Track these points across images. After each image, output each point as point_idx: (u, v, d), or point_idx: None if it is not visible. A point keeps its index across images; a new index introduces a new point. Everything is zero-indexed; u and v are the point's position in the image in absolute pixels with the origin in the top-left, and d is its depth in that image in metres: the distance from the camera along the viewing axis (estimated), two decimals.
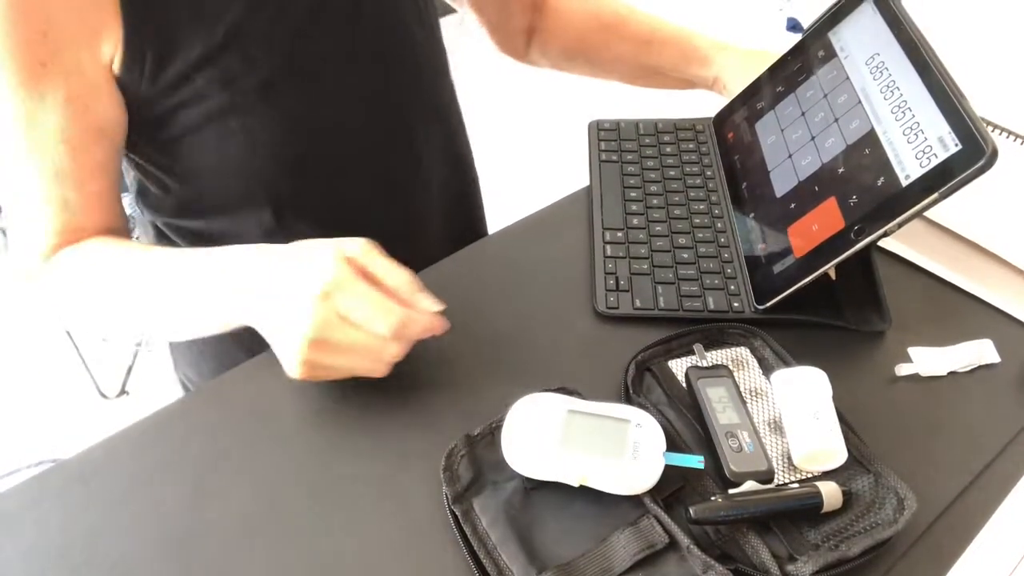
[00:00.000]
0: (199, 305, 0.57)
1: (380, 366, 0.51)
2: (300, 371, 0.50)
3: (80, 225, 0.61)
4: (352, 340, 0.49)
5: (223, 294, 0.55)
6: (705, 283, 0.63)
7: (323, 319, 0.48)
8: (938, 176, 0.51)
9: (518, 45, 0.90)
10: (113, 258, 0.61)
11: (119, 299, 0.60)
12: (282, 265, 0.52)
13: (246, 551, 0.48)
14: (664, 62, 0.85)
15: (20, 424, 1.74)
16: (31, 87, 0.55)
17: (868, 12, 0.65)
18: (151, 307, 0.60)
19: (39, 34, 0.53)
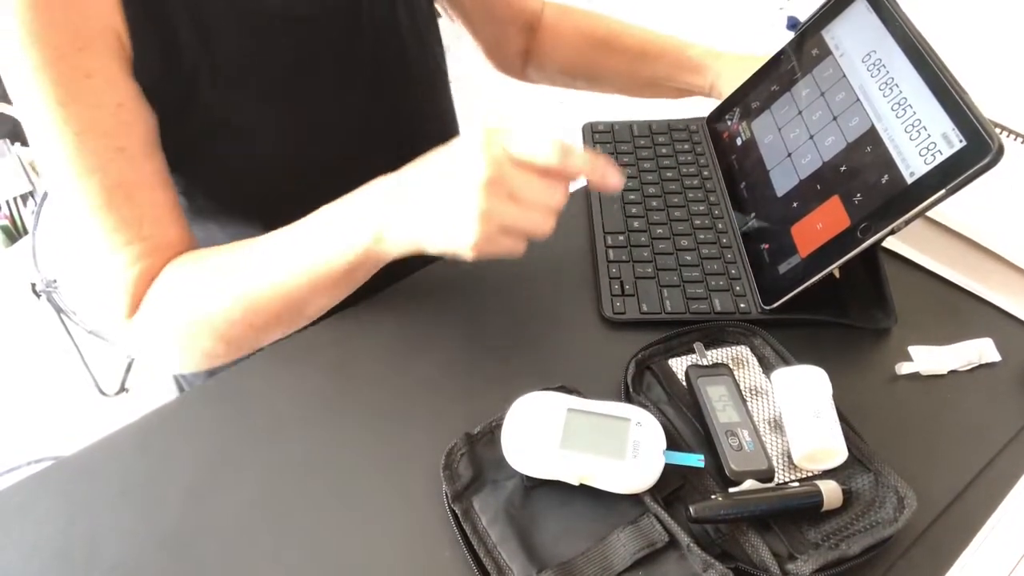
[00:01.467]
0: (348, 240, 0.52)
1: (551, 218, 0.49)
2: (479, 230, 0.46)
3: (158, 243, 0.58)
4: (525, 193, 0.47)
5: (373, 211, 0.52)
6: (711, 284, 0.63)
7: (494, 186, 0.46)
8: (944, 172, 0.51)
9: (515, 65, 0.93)
10: (229, 254, 0.58)
11: (261, 282, 0.56)
12: (428, 172, 0.50)
13: (246, 549, 0.48)
14: (659, 73, 0.86)
15: (20, 421, 1.74)
16: (81, 99, 0.54)
17: (861, 10, 0.65)
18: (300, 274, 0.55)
19: (76, 48, 0.53)
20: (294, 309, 0.57)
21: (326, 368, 0.58)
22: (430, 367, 0.58)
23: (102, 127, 0.55)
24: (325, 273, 0.54)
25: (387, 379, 0.57)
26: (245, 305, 0.56)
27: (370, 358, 0.59)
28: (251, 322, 0.57)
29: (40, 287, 1.65)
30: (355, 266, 0.53)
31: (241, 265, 0.57)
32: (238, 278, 0.57)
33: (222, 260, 0.58)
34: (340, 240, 0.53)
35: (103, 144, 0.55)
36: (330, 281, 0.54)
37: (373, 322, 0.62)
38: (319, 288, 0.55)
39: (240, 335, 0.58)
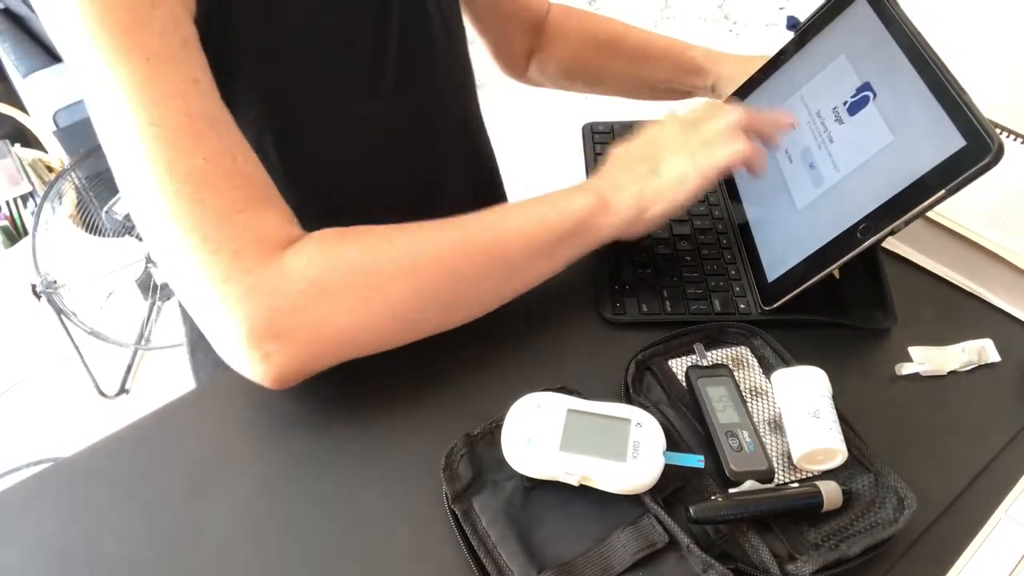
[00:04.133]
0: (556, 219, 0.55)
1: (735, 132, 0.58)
2: (685, 154, 0.58)
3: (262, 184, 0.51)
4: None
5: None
6: (710, 285, 0.63)
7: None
8: (944, 173, 0.51)
9: (519, 66, 0.93)
10: (436, 224, 0.53)
11: (476, 230, 0.53)
12: (631, 150, 0.61)
13: (246, 550, 0.48)
14: (661, 76, 0.87)
15: (20, 422, 1.74)
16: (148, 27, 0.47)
17: (861, 10, 0.65)
18: (516, 229, 0.54)
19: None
20: (504, 268, 0.54)
21: (326, 368, 0.58)
22: (430, 367, 0.58)
23: (174, 54, 0.48)
24: (546, 231, 0.55)
25: (387, 379, 0.57)
26: (456, 250, 0.52)
27: (370, 358, 0.59)
28: (459, 271, 0.52)
29: (40, 288, 1.65)
30: (573, 231, 0.56)
31: (452, 220, 0.53)
32: (450, 226, 0.53)
33: (423, 222, 0.53)
34: (562, 202, 0.56)
35: (179, 71, 0.48)
36: (545, 244, 0.55)
37: None
38: (531, 250, 0.55)
39: (442, 290, 0.52)
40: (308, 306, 0.48)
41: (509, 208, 0.56)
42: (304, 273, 0.48)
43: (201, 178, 0.47)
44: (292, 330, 0.47)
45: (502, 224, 0.55)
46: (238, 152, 0.50)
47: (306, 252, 0.49)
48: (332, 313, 0.48)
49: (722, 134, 0.58)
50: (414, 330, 0.53)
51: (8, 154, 2.01)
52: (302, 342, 0.48)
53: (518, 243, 0.54)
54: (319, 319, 0.48)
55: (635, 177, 0.58)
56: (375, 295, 0.49)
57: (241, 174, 0.49)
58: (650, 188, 0.57)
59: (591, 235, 0.57)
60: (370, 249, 0.50)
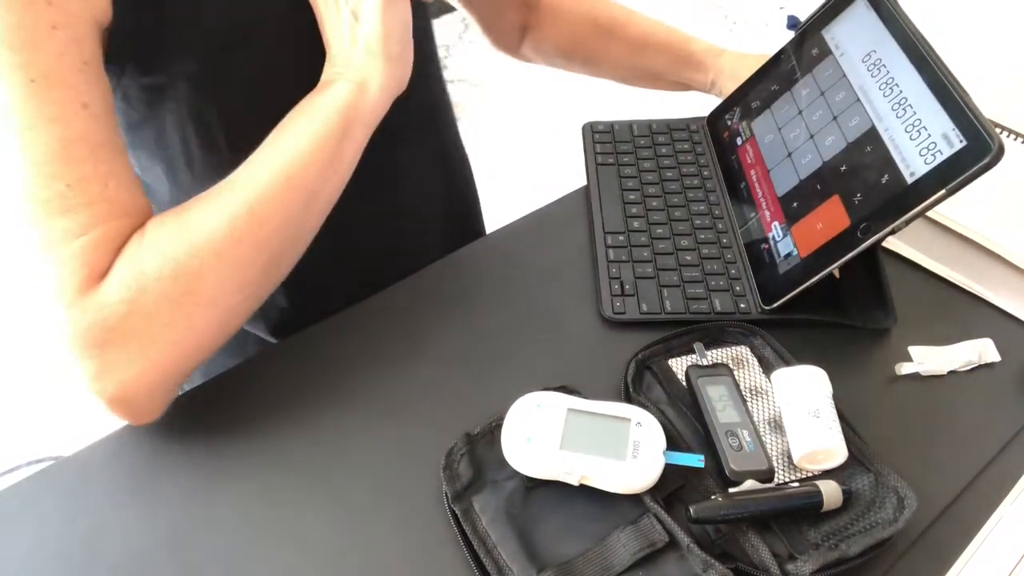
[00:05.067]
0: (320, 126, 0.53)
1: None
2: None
3: (126, 207, 0.50)
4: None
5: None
6: (710, 284, 0.63)
7: None
8: (944, 172, 0.51)
9: (512, 41, 0.90)
10: (214, 189, 0.52)
11: (257, 183, 0.52)
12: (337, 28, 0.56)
13: (246, 550, 0.48)
14: (660, 66, 0.85)
15: (20, 421, 1.74)
16: (43, 48, 0.47)
17: (861, 9, 0.65)
18: (294, 159, 0.52)
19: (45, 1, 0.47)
20: (301, 203, 0.53)
21: (326, 368, 0.58)
22: (430, 367, 0.58)
23: (65, 78, 0.47)
24: (319, 143, 0.53)
25: (387, 379, 0.57)
26: (248, 217, 0.50)
27: (370, 358, 0.59)
28: (259, 237, 0.51)
29: None
30: (345, 128, 0.54)
31: (231, 181, 0.52)
32: (231, 192, 0.51)
33: (207, 195, 0.52)
34: (319, 107, 0.54)
35: (66, 95, 0.47)
36: (325, 156, 0.53)
37: (373, 322, 0.62)
38: (317, 170, 0.53)
39: (252, 261, 0.51)
40: (132, 333, 0.48)
41: (273, 142, 0.53)
42: (119, 299, 0.48)
43: (57, 205, 0.47)
44: (124, 362, 0.48)
45: (276, 162, 0.52)
46: (111, 176, 0.50)
47: (117, 275, 0.48)
48: (157, 332, 0.48)
49: None
50: (246, 305, 0.53)
51: None
52: (139, 371, 0.48)
53: (300, 173, 0.52)
54: (146, 342, 0.48)
55: (352, 36, 0.55)
56: (189, 300, 0.49)
57: (104, 198, 0.49)
58: (371, 35, 0.54)
59: (364, 119, 0.55)
60: (169, 252, 0.49)
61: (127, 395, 0.49)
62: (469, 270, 0.67)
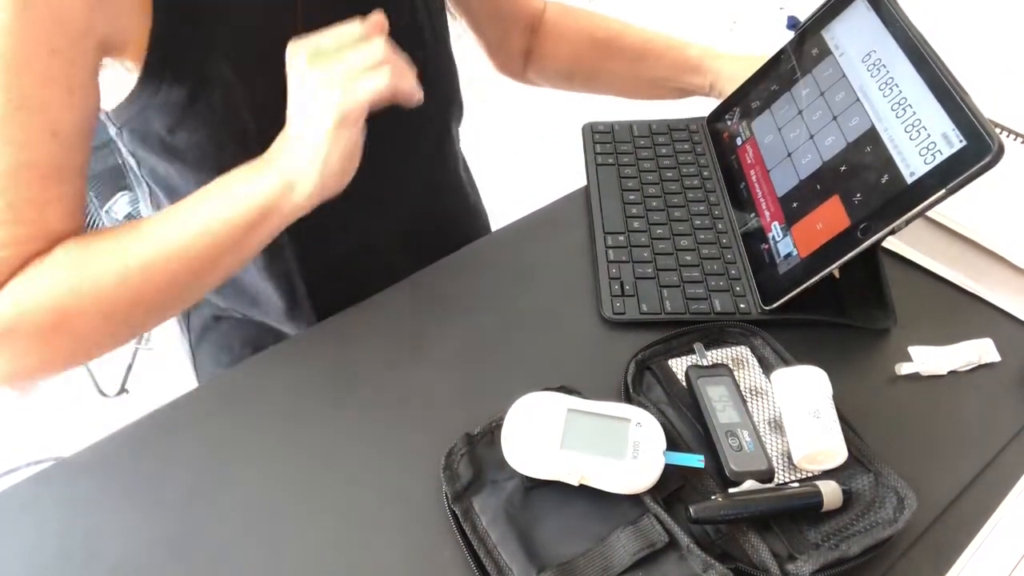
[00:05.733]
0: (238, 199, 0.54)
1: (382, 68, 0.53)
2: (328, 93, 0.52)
3: (52, 229, 0.54)
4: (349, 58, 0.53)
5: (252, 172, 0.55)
6: (710, 285, 0.63)
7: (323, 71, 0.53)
8: (944, 172, 0.51)
9: (516, 66, 0.92)
10: (124, 226, 0.54)
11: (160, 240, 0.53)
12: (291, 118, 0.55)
13: (246, 550, 0.48)
14: (659, 74, 0.86)
15: (20, 422, 1.74)
16: (34, 72, 0.49)
17: (861, 9, 0.65)
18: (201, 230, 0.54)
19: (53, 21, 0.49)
20: (191, 273, 0.54)
21: (326, 368, 0.58)
22: (430, 367, 0.58)
23: (45, 105, 0.50)
24: (230, 230, 0.53)
25: (387, 379, 0.57)
26: (140, 275, 0.53)
27: (370, 358, 0.59)
28: (143, 296, 0.54)
29: None
30: (259, 219, 0.54)
31: (138, 233, 0.54)
32: (134, 244, 0.53)
33: (116, 231, 0.54)
34: (243, 192, 0.53)
35: (38, 122, 0.50)
36: (232, 239, 0.54)
37: (373, 323, 0.62)
38: (222, 248, 0.54)
39: (127, 316, 0.54)
40: (10, 343, 0.52)
41: (189, 211, 0.54)
42: (3, 313, 0.51)
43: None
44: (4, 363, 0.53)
45: (185, 232, 0.53)
46: (54, 203, 0.52)
47: (11, 293, 0.51)
48: (24, 356, 0.53)
49: (364, 65, 0.53)
50: (114, 341, 0.56)
51: None
52: (14, 373, 0.53)
53: (204, 250, 0.53)
54: (14, 359, 0.53)
55: (303, 135, 0.54)
56: (60, 337, 0.52)
57: (37, 220, 0.52)
58: (317, 145, 0.53)
59: (280, 216, 0.55)
60: (57, 285, 0.52)
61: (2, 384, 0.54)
62: (469, 270, 0.67)
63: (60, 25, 0.49)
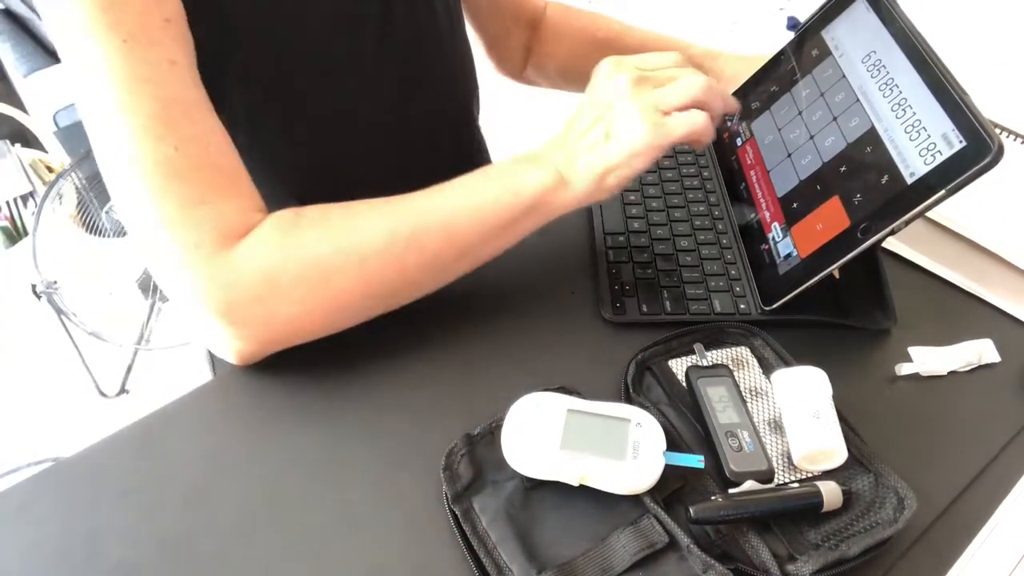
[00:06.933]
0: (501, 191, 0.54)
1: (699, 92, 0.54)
2: (643, 119, 0.53)
3: (238, 174, 0.52)
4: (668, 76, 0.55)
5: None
6: (710, 285, 0.63)
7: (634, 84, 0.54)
8: (944, 173, 0.51)
9: (515, 63, 0.93)
10: (382, 200, 0.53)
11: (427, 214, 0.53)
12: (582, 111, 0.56)
13: (246, 550, 0.48)
14: None
15: (20, 422, 1.74)
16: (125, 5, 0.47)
17: (861, 10, 0.65)
18: (469, 211, 0.54)
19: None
20: (454, 251, 0.54)
21: (326, 368, 0.58)
22: (431, 367, 0.58)
23: (151, 35, 0.48)
24: (501, 211, 0.54)
25: (387, 379, 0.57)
26: (407, 241, 0.52)
27: (370, 358, 0.59)
28: (407, 262, 0.53)
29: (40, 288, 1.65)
30: (527, 210, 0.55)
31: (408, 202, 0.54)
32: (403, 212, 0.53)
33: (375, 203, 0.53)
34: (517, 179, 0.54)
35: (154, 53, 0.48)
36: (498, 224, 0.54)
37: (373, 322, 0.62)
38: (485, 232, 0.54)
39: (389, 280, 0.53)
40: (260, 298, 0.51)
41: (462, 186, 0.55)
42: (257, 266, 0.50)
43: (169, 168, 0.48)
44: (247, 320, 0.51)
45: (454, 207, 0.54)
46: (211, 139, 0.51)
47: (260, 243, 0.51)
48: (282, 304, 0.52)
49: (680, 100, 0.54)
50: (361, 315, 0.56)
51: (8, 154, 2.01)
52: (256, 329, 0.52)
53: (471, 227, 0.54)
54: (270, 310, 0.51)
55: (590, 144, 0.55)
56: (322, 287, 0.52)
57: (210, 163, 0.50)
58: (606, 157, 0.54)
59: (548, 211, 0.56)
60: (321, 240, 0.52)
61: (243, 353, 0.54)
62: None
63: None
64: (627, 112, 0.53)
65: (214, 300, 0.50)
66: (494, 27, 0.88)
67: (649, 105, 0.54)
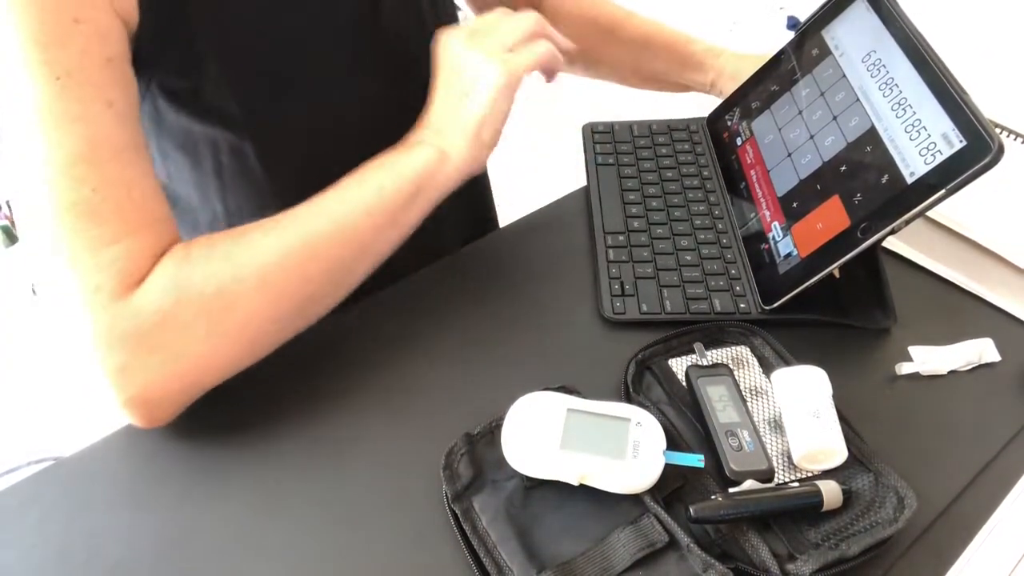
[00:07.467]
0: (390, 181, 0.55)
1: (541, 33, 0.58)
2: (499, 66, 0.55)
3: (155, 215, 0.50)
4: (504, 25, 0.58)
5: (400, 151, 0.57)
6: (710, 285, 0.63)
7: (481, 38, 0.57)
8: (944, 173, 0.51)
9: None
10: (271, 218, 0.52)
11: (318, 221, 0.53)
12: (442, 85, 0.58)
13: (245, 549, 0.48)
14: (660, 67, 0.86)
15: (20, 421, 1.74)
16: (66, 43, 0.45)
17: (861, 10, 0.65)
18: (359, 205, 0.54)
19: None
20: (351, 250, 0.54)
21: (325, 368, 0.58)
22: (430, 367, 0.58)
23: (89, 75, 0.46)
24: (387, 200, 0.54)
25: (387, 379, 0.57)
26: (302, 251, 0.51)
27: (369, 358, 0.59)
28: (307, 273, 0.52)
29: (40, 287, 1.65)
30: (415, 192, 0.55)
31: (293, 215, 0.53)
32: (291, 224, 0.52)
33: (264, 223, 0.52)
34: (398, 164, 0.55)
35: (90, 93, 0.46)
36: (390, 214, 0.54)
37: (373, 322, 0.62)
38: (377, 225, 0.54)
39: (293, 295, 0.52)
40: (163, 342, 0.48)
41: (344, 188, 0.55)
42: (156, 308, 0.48)
43: (84, 209, 0.46)
44: (150, 368, 0.48)
45: (342, 208, 0.54)
46: (137, 182, 0.49)
47: (156, 284, 0.48)
48: (188, 344, 0.49)
49: (521, 38, 0.57)
50: (273, 339, 0.53)
51: None
52: (162, 378, 0.49)
53: (363, 223, 0.54)
54: (176, 352, 0.48)
55: (452, 108, 0.56)
56: (227, 317, 0.49)
57: (132, 206, 0.48)
58: (473, 116, 0.56)
59: (435, 189, 0.56)
60: (215, 271, 0.49)
61: (146, 399, 0.49)
62: (469, 270, 0.67)
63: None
64: (473, 63, 0.56)
65: (117, 351, 0.47)
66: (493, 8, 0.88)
67: (491, 47, 0.56)
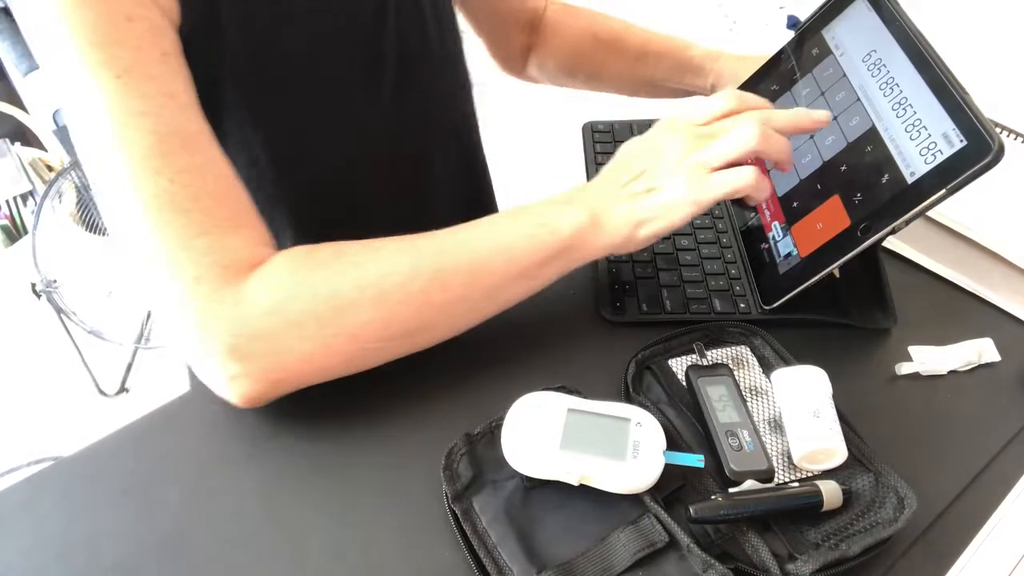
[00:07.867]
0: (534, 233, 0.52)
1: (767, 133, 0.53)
2: (685, 171, 0.52)
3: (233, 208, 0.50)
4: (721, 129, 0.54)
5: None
6: (710, 285, 0.63)
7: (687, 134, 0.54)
8: (945, 172, 0.51)
9: (516, 63, 0.93)
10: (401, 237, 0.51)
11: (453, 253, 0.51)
12: (622, 157, 0.57)
13: (245, 549, 0.48)
14: (660, 74, 0.86)
15: (20, 421, 1.74)
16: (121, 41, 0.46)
17: (862, 9, 0.65)
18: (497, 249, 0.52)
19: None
20: (480, 290, 0.52)
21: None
22: (430, 367, 0.58)
23: (148, 70, 0.47)
24: (528, 254, 0.52)
25: (387, 379, 0.57)
26: (431, 277, 0.50)
27: None
28: (429, 300, 0.50)
29: (40, 287, 1.66)
30: (560, 251, 0.53)
31: (431, 238, 0.52)
32: (427, 248, 0.51)
33: (398, 239, 0.51)
34: (551, 218, 0.53)
35: (151, 87, 0.47)
36: (530, 265, 0.53)
37: None
38: (514, 271, 0.52)
39: (408, 319, 0.51)
40: (268, 334, 0.48)
41: (491, 223, 0.53)
42: (266, 300, 0.48)
43: (166, 200, 0.47)
44: (253, 357, 0.48)
45: (482, 243, 0.52)
46: (210, 170, 0.49)
47: (270, 277, 0.48)
48: (293, 341, 0.48)
49: (728, 156, 0.53)
50: (377, 356, 0.53)
51: (8, 153, 2.01)
52: (263, 369, 0.49)
53: (499, 265, 0.52)
54: (280, 347, 0.48)
55: (629, 193, 0.54)
56: (336, 323, 0.49)
57: (209, 194, 0.49)
58: (643, 208, 0.53)
59: (579, 254, 0.54)
60: (337, 274, 0.49)
61: (249, 394, 0.49)
62: None
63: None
64: (672, 169, 0.53)
65: (218, 336, 0.47)
66: (493, 30, 0.89)
67: (696, 163, 0.53)
